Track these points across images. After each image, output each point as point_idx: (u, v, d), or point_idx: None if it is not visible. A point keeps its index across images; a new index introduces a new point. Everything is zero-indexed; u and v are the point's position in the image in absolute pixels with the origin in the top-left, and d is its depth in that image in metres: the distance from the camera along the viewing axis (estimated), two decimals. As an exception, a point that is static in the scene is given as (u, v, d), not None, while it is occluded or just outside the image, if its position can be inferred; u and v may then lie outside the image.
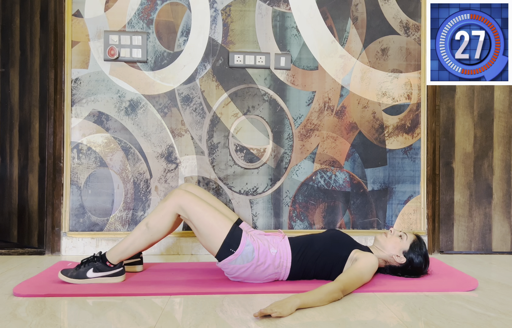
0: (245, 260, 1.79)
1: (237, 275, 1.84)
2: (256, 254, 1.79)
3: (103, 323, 1.41)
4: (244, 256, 1.78)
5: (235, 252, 1.78)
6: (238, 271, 1.82)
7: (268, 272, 1.84)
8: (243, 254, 1.78)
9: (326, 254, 1.87)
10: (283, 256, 1.84)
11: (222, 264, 1.81)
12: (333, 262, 1.86)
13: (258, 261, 1.80)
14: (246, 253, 1.78)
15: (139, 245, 1.85)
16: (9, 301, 1.61)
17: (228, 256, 1.78)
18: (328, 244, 1.89)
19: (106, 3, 2.45)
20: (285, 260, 1.85)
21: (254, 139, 2.52)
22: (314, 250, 1.87)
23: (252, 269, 1.81)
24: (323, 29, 2.54)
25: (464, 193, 2.62)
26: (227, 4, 2.50)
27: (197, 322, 1.42)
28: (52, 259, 2.32)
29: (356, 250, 1.86)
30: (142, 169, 2.47)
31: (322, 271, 1.87)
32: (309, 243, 1.90)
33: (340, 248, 1.88)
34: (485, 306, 1.62)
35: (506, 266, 2.31)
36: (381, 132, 2.58)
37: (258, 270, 1.82)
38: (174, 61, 2.48)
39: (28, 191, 2.50)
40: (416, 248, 1.92)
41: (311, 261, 1.87)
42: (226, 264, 1.80)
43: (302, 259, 1.86)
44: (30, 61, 2.49)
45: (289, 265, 1.85)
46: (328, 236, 1.96)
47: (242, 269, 1.81)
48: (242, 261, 1.79)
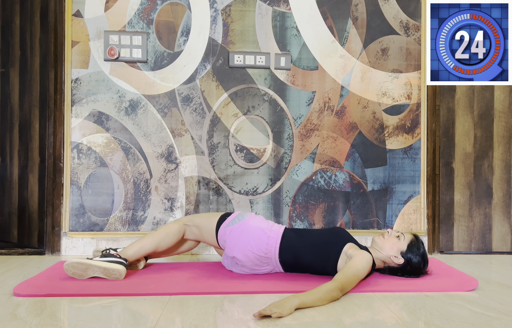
0: (240, 218, 1.99)
1: (233, 244, 1.92)
2: (248, 215, 2.01)
3: (103, 323, 1.41)
4: (236, 218, 1.99)
5: (229, 217, 2.01)
6: (232, 235, 1.93)
7: (260, 245, 1.91)
8: (235, 218, 1.99)
9: (321, 243, 1.92)
10: (274, 230, 1.96)
11: (220, 232, 1.98)
12: (328, 251, 1.89)
13: (249, 221, 1.97)
14: (238, 216, 2.01)
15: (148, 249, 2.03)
16: (9, 301, 1.61)
17: (225, 219, 2.00)
18: (325, 235, 1.97)
19: (106, 3, 2.45)
20: (276, 234, 1.94)
21: (254, 139, 2.52)
22: (310, 236, 1.97)
23: (245, 234, 1.91)
24: (323, 29, 2.54)
25: (464, 193, 2.61)
26: (227, 4, 2.50)
27: (197, 322, 1.42)
28: (52, 259, 2.32)
29: (351, 245, 1.88)
30: (142, 169, 2.47)
31: (316, 259, 1.91)
32: (305, 231, 2.04)
33: (336, 239, 1.93)
34: (485, 306, 1.62)
35: (506, 266, 2.31)
36: (381, 132, 2.58)
37: (249, 238, 1.91)
38: (174, 61, 2.48)
39: (28, 191, 2.50)
40: (413, 248, 1.92)
41: (303, 246, 1.92)
42: (223, 229, 1.97)
43: (294, 240, 1.94)
44: (30, 61, 2.49)
45: (278, 242, 1.93)
46: (327, 228, 2.07)
47: (235, 232, 1.94)
48: (238, 220, 1.98)
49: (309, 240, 1.95)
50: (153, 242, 2.00)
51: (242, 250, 1.92)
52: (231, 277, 1.95)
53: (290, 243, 1.94)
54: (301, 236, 1.97)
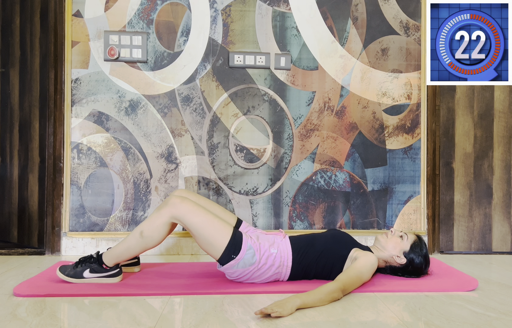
0: (247, 264, 1.78)
1: (238, 277, 1.84)
2: (258, 256, 1.79)
3: (103, 323, 1.41)
4: (246, 260, 1.77)
5: (237, 257, 1.76)
6: (240, 274, 1.82)
7: (269, 273, 1.83)
8: (244, 258, 1.77)
9: (326, 253, 1.87)
10: (283, 256, 1.84)
11: (224, 268, 1.81)
12: (334, 261, 1.86)
13: (259, 263, 1.79)
14: (247, 257, 1.78)
15: (134, 252, 1.83)
16: (9, 301, 1.61)
17: (229, 261, 1.77)
18: (329, 243, 1.89)
19: (106, 3, 2.45)
20: (286, 259, 1.84)
21: (254, 139, 2.52)
22: (315, 250, 1.87)
23: (254, 271, 1.81)
24: (323, 29, 2.54)
25: (464, 193, 2.61)
26: (227, 4, 2.50)
27: (197, 322, 1.42)
28: (52, 259, 2.32)
29: (356, 249, 1.86)
30: (142, 169, 2.47)
31: (322, 270, 1.87)
32: (310, 243, 1.90)
33: (341, 246, 1.88)
34: (485, 306, 1.62)
35: (506, 266, 2.31)
36: (381, 132, 2.58)
37: (259, 272, 1.82)
38: (174, 61, 2.48)
39: (28, 191, 2.50)
40: (416, 248, 1.92)
41: (312, 261, 1.87)
42: (228, 268, 1.80)
43: (303, 259, 1.86)
44: (30, 61, 2.49)
45: (289, 264, 1.85)
46: (329, 235, 1.96)
47: (244, 273, 1.81)
48: (244, 264, 1.78)
49: (314, 254, 1.87)
50: (141, 247, 1.81)
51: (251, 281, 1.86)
52: (231, 277, 1.95)
53: (299, 269, 1.86)
54: (307, 254, 1.87)
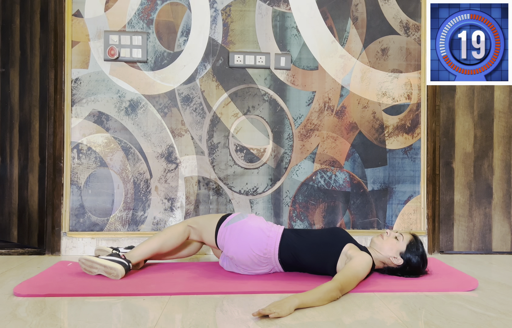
0: (240, 217, 2.00)
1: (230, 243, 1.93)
2: (248, 215, 2.03)
3: (103, 323, 1.41)
4: (234, 218, 2.00)
5: (226, 219, 2.01)
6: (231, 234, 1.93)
7: (259, 245, 1.91)
8: (234, 217, 2.01)
9: (320, 243, 1.92)
10: (273, 231, 1.96)
11: (220, 231, 1.98)
12: (328, 251, 1.89)
13: (249, 221, 1.97)
14: (235, 217, 2.01)
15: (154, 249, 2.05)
16: (9, 301, 1.61)
17: (224, 219, 2.00)
18: (324, 235, 1.97)
19: (106, 3, 2.45)
20: (275, 234, 1.95)
21: (254, 139, 2.52)
22: (310, 236, 1.97)
23: (244, 234, 1.91)
24: (323, 29, 2.54)
25: (464, 193, 2.61)
26: (227, 4, 2.50)
27: (197, 322, 1.42)
28: (52, 259, 2.32)
29: (351, 245, 1.88)
30: (142, 169, 2.47)
31: (315, 259, 1.92)
32: (305, 231, 2.02)
33: (336, 239, 1.93)
34: (485, 306, 1.62)
35: (506, 266, 2.31)
36: (381, 132, 2.58)
37: (248, 238, 1.91)
38: (174, 61, 2.48)
39: (28, 191, 2.50)
40: (413, 248, 1.92)
41: (304, 247, 1.92)
42: (222, 227, 1.98)
43: (294, 241, 1.94)
44: (30, 61, 2.49)
45: (278, 242, 1.93)
46: (327, 228, 2.08)
47: (235, 231, 1.93)
48: (238, 218, 1.99)
49: (308, 240, 1.95)
50: (159, 242, 2.01)
51: (240, 250, 1.92)
52: (231, 277, 1.95)
53: (290, 243, 1.94)
54: (300, 236, 1.97)
